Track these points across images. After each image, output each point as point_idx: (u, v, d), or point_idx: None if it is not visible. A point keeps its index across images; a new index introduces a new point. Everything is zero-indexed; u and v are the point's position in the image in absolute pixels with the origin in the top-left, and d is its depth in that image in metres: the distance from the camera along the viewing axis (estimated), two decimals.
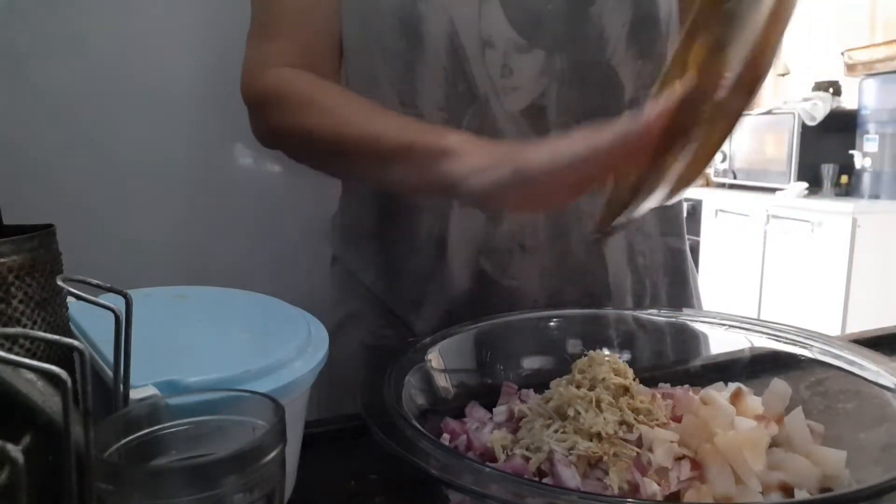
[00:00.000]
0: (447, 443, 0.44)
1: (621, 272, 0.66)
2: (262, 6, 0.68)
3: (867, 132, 2.55)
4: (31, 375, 0.26)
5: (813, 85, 2.81)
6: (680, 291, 0.71)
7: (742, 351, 0.51)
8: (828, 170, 2.66)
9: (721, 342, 0.53)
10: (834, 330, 2.38)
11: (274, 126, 0.67)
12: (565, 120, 0.60)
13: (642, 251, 0.67)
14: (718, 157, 2.96)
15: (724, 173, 3.08)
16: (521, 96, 0.59)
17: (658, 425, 0.41)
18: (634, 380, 0.47)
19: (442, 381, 0.50)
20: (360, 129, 0.58)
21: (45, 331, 0.29)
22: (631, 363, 0.48)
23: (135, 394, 0.33)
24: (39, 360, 0.21)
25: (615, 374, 0.45)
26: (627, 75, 0.61)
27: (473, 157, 0.50)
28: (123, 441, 0.27)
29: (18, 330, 0.26)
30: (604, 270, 0.65)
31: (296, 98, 0.63)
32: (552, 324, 0.56)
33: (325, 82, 0.64)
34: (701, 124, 0.39)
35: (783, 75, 3.26)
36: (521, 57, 0.58)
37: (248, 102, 0.67)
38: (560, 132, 0.60)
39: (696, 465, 0.38)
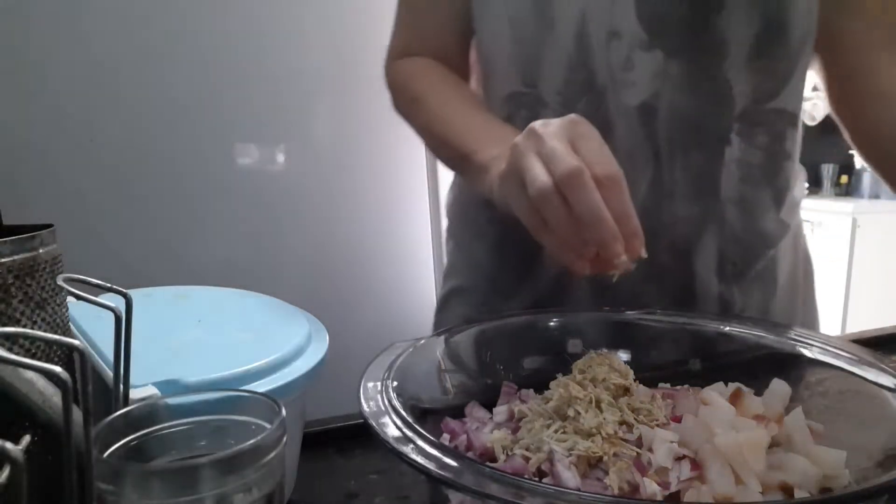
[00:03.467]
0: (447, 443, 0.44)
1: (708, 280, 0.65)
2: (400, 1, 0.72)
3: None
4: (31, 375, 0.26)
5: (813, 85, 2.81)
6: (764, 301, 0.69)
7: (742, 351, 0.51)
8: (828, 170, 2.66)
9: (721, 342, 0.53)
10: (834, 330, 2.38)
11: (396, 110, 0.73)
12: (674, 123, 0.60)
13: (734, 261, 0.66)
14: None
15: None
16: (636, 92, 0.60)
17: (658, 425, 0.41)
18: (634, 380, 0.47)
19: (442, 381, 0.50)
20: (441, 131, 0.62)
21: (45, 331, 0.29)
22: (631, 363, 0.48)
23: (135, 394, 0.33)
24: (39, 360, 0.21)
25: (615, 374, 0.45)
26: (741, 89, 0.60)
27: (495, 172, 0.51)
28: (123, 441, 0.27)
29: (18, 330, 0.26)
30: (690, 277, 0.65)
31: (408, 93, 0.68)
32: (552, 324, 0.56)
33: (437, 75, 0.67)
34: None
35: None
36: (643, 54, 0.59)
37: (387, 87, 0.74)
38: (667, 134, 0.60)
39: (696, 465, 0.38)
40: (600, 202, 0.42)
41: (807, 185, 2.61)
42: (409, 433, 0.34)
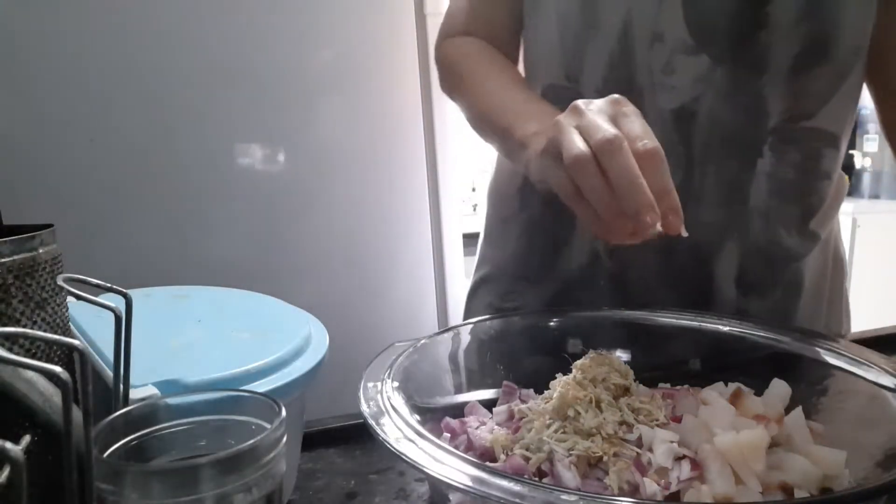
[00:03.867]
0: (447, 443, 0.44)
1: (726, 288, 0.65)
2: None
3: (867, 132, 2.54)
4: (31, 375, 0.26)
5: None
6: (789, 310, 0.68)
7: (742, 351, 0.51)
8: None
9: (721, 342, 0.53)
10: None
11: (443, 88, 0.74)
12: (710, 129, 0.60)
13: (754, 271, 0.65)
14: None
15: None
16: (675, 96, 0.60)
17: (658, 425, 0.41)
18: (634, 380, 0.47)
19: (443, 380, 0.50)
20: (484, 108, 0.63)
21: (45, 331, 0.29)
22: (631, 363, 0.48)
23: (135, 394, 0.33)
24: (39, 360, 0.21)
25: (615, 374, 0.45)
26: (775, 105, 0.60)
27: (533, 148, 0.51)
28: (123, 441, 0.27)
29: (18, 330, 0.26)
30: (708, 281, 0.65)
31: (455, 70, 0.70)
32: (552, 324, 0.56)
33: (486, 55, 0.68)
34: None
35: None
36: (686, 58, 0.59)
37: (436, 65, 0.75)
38: (702, 139, 0.60)
39: (696, 465, 0.38)
40: (636, 169, 0.41)
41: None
42: (409, 433, 0.34)
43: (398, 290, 1.25)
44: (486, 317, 0.56)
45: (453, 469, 0.31)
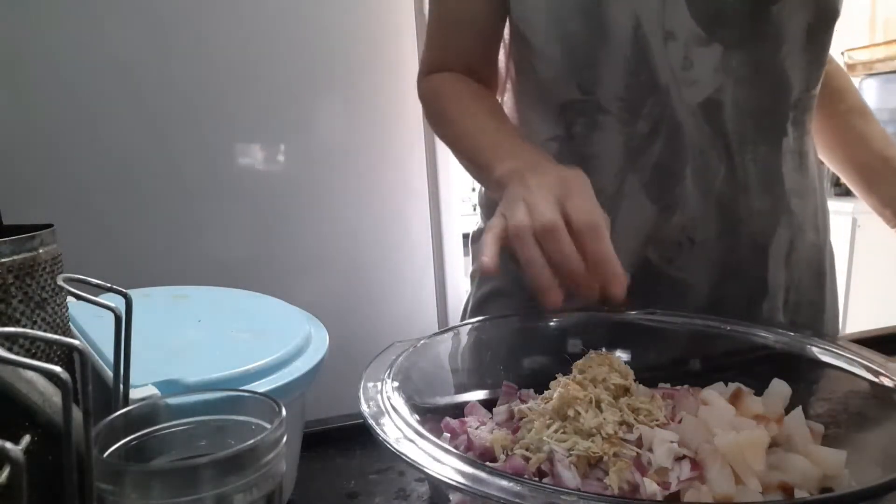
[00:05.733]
0: (447, 443, 0.44)
1: (778, 270, 0.66)
2: (430, 18, 0.74)
3: None
4: (31, 375, 0.26)
5: None
6: (818, 287, 0.71)
7: (742, 351, 0.51)
8: (828, 170, 2.66)
9: (721, 342, 0.53)
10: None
11: (429, 124, 0.75)
12: (739, 116, 0.61)
13: (797, 247, 0.67)
14: None
15: None
16: (699, 89, 0.60)
17: (658, 425, 0.41)
18: (634, 380, 0.47)
19: (443, 380, 0.50)
20: (465, 144, 0.64)
21: (45, 331, 0.29)
22: (631, 363, 0.48)
23: (135, 394, 0.33)
24: (39, 360, 0.21)
25: (615, 374, 0.45)
26: (797, 77, 0.62)
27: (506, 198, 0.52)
28: (123, 441, 0.27)
29: (18, 330, 0.26)
30: (764, 268, 0.66)
31: (436, 107, 0.70)
32: (552, 324, 0.56)
33: (465, 90, 0.68)
34: None
35: None
36: (701, 50, 0.59)
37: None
38: (734, 128, 0.62)
39: (696, 465, 0.38)
40: (571, 253, 0.44)
41: None
42: (409, 433, 0.34)
43: (398, 290, 1.25)
44: (486, 317, 0.56)
45: (453, 469, 0.31)
